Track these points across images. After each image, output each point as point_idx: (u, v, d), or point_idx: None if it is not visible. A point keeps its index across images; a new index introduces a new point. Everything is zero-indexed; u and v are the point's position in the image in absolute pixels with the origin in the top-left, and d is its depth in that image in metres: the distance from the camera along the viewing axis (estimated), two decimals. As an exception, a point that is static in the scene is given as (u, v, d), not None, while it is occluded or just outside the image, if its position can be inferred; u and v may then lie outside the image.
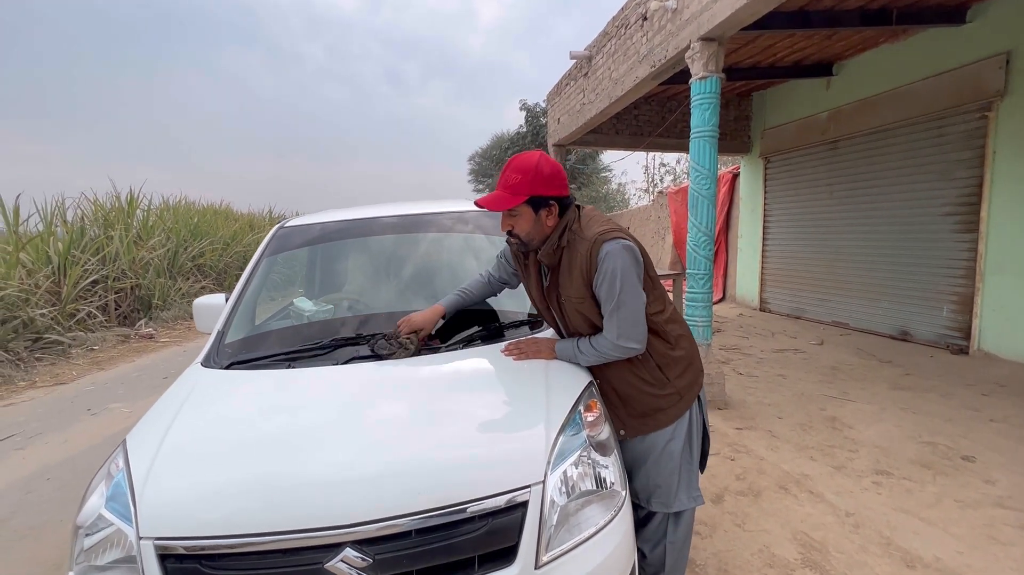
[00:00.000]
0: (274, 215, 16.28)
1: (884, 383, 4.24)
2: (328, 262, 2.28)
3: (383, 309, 1.98)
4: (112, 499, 1.18)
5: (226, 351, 1.80)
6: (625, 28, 4.66)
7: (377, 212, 2.36)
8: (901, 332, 5.76)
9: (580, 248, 1.43)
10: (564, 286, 1.49)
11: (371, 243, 2.23)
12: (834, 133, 6.51)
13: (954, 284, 5.20)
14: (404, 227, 2.28)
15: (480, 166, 24.78)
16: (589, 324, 1.51)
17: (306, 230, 2.33)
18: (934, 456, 2.89)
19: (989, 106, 4.79)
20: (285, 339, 1.87)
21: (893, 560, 2.01)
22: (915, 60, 5.44)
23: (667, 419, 1.52)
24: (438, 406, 1.38)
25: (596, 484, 1.28)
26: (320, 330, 1.87)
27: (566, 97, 6.83)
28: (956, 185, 5.15)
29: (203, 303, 2.12)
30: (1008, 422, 3.34)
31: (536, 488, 1.19)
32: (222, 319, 1.94)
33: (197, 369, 1.70)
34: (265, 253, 2.23)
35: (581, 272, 1.43)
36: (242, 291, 2.05)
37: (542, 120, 17.69)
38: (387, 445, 1.23)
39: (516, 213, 1.46)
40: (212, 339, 1.87)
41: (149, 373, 5.50)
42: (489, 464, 1.21)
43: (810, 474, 2.73)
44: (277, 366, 1.63)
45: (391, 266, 2.15)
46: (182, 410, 1.42)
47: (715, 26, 3.27)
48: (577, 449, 1.29)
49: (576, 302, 1.48)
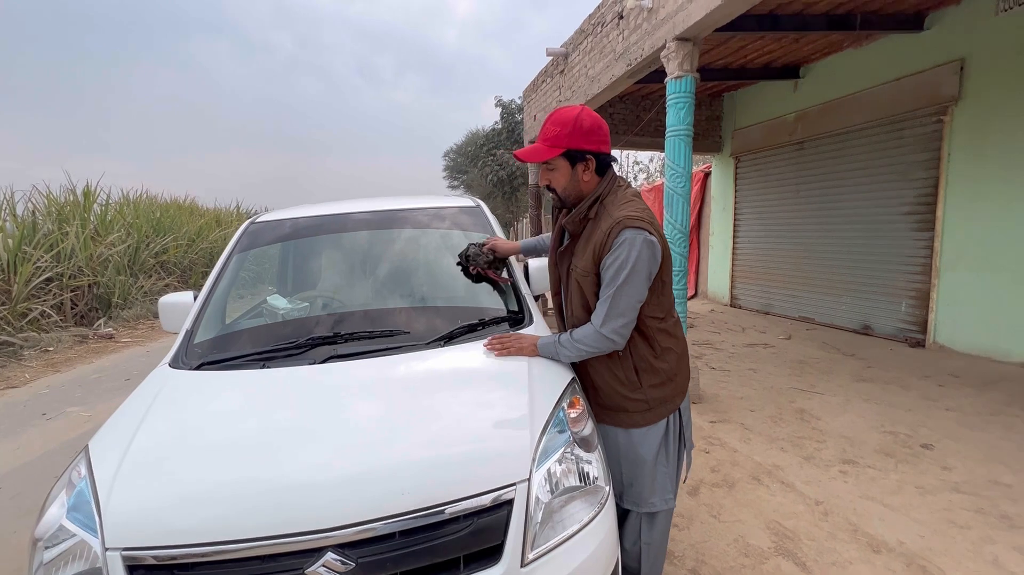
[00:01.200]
0: (242, 211, 15.81)
1: (848, 375, 4.41)
2: (301, 259, 2.21)
3: (359, 307, 1.94)
4: (74, 509, 1.12)
5: (196, 351, 1.73)
6: (601, 26, 4.68)
7: (352, 207, 2.31)
8: (863, 326, 6.00)
9: (603, 224, 1.40)
10: (577, 255, 1.49)
11: (346, 239, 2.17)
12: (801, 134, 6.72)
13: (912, 280, 5.44)
14: (380, 223, 2.23)
15: (455, 162, 24.63)
16: (581, 300, 1.50)
17: (278, 226, 2.26)
18: (895, 445, 3.02)
19: (945, 110, 5.02)
20: (259, 338, 1.81)
21: (860, 546, 2.09)
22: (877, 65, 5.66)
23: (629, 422, 1.50)
24: (419, 405, 1.36)
25: (580, 480, 1.29)
26: (295, 329, 1.81)
27: (542, 94, 6.83)
28: (914, 185, 5.38)
29: (169, 301, 2.02)
30: (962, 411, 3.51)
31: (521, 486, 1.18)
32: (191, 318, 1.86)
33: (164, 370, 1.63)
34: (236, 249, 2.15)
35: (595, 248, 1.41)
36: (212, 289, 1.97)
37: (518, 117, 17.69)
38: (368, 445, 1.20)
39: (553, 166, 1.44)
40: (180, 339, 1.79)
41: (109, 375, 5.26)
42: (473, 462, 1.20)
43: (781, 465, 2.81)
44: (251, 366, 1.58)
45: (367, 263, 2.10)
46: (149, 413, 1.35)
47: (690, 26, 3.32)
48: (561, 446, 1.29)
49: (580, 274, 1.46)
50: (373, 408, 1.35)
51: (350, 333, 1.69)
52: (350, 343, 1.66)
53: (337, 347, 1.63)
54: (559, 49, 5.67)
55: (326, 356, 1.58)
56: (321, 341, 1.67)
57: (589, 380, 1.56)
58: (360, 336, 1.69)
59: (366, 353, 1.59)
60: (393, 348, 1.61)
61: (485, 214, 2.37)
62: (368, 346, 1.63)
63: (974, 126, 4.82)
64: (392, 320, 1.82)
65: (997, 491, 2.48)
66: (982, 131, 4.76)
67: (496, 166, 17.62)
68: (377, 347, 1.62)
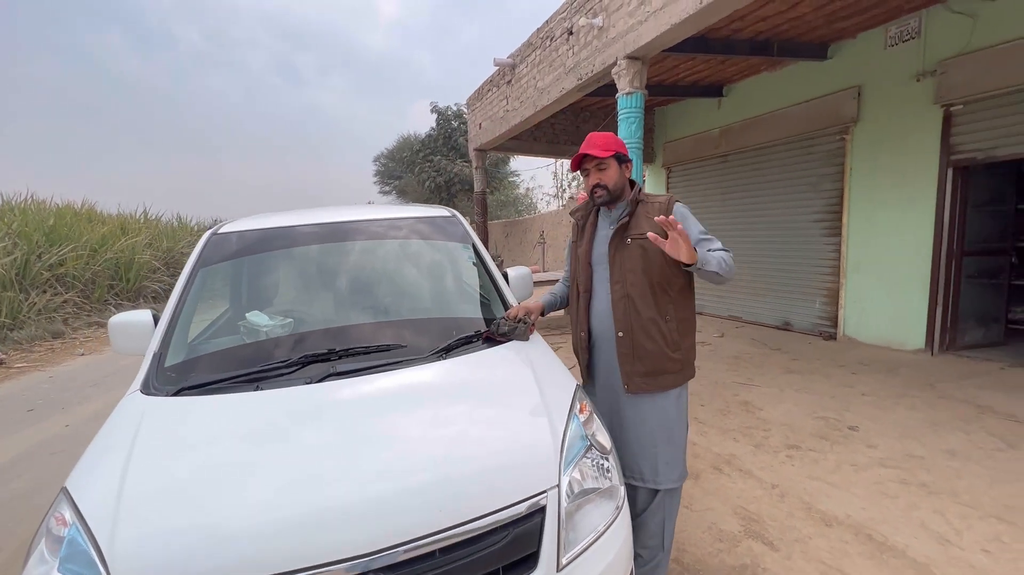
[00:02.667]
0: (149, 216, 14.40)
1: (778, 368, 4.85)
2: (278, 272, 2.08)
3: (349, 321, 1.87)
4: (68, 560, 1.00)
5: (169, 376, 1.58)
6: (550, 40, 4.84)
7: (327, 217, 2.22)
8: (784, 323, 6.62)
9: (658, 199, 1.76)
10: (638, 226, 1.72)
11: (327, 251, 2.08)
12: (725, 148, 7.31)
13: (824, 280, 6.09)
14: (360, 233, 2.16)
15: (387, 167, 24.06)
16: (643, 265, 1.70)
17: (247, 237, 2.12)
18: (828, 428, 3.38)
19: (846, 130, 5.69)
20: (243, 358, 1.69)
21: (815, 521, 2.33)
22: (789, 88, 6.30)
23: (669, 383, 1.72)
24: (436, 417, 1.35)
25: (599, 481, 1.34)
26: (284, 346, 1.72)
27: (488, 103, 6.90)
28: (823, 196, 6.04)
29: (123, 321, 1.83)
30: (875, 395, 3.99)
31: (552, 492, 1.21)
32: (157, 339, 1.70)
33: (137, 398, 1.48)
34: (199, 264, 1.99)
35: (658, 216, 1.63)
36: (178, 307, 1.81)
37: (454, 123, 17.65)
38: (394, 463, 1.18)
39: (606, 166, 1.74)
40: (147, 363, 1.63)
41: (4, 406, 4.60)
42: (504, 471, 1.21)
43: (736, 454, 3.05)
44: (240, 389, 1.47)
45: (351, 275, 2.03)
46: (136, 446, 1.23)
47: (641, 46, 3.53)
48: (581, 448, 1.34)
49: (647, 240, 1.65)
50: (389, 425, 1.32)
51: (345, 349, 1.63)
52: (347, 360, 1.60)
53: (334, 364, 1.57)
54: (506, 60, 5.77)
55: (323, 374, 1.52)
56: (315, 358, 1.60)
57: (632, 345, 1.72)
58: (356, 352, 1.63)
59: (366, 370, 1.54)
60: (393, 363, 1.58)
61: (463, 224, 2.38)
62: (366, 362, 1.59)
63: (870, 144, 5.51)
64: (387, 334, 1.77)
65: (913, 463, 2.85)
66: (876, 149, 5.45)
67: (433, 172, 17.44)
68: (376, 363, 1.58)
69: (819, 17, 4.96)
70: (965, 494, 2.51)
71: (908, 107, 5.10)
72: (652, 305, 1.71)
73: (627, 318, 1.72)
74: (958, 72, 4.69)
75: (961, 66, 4.66)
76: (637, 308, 1.72)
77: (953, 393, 3.95)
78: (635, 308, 1.72)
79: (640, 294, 1.72)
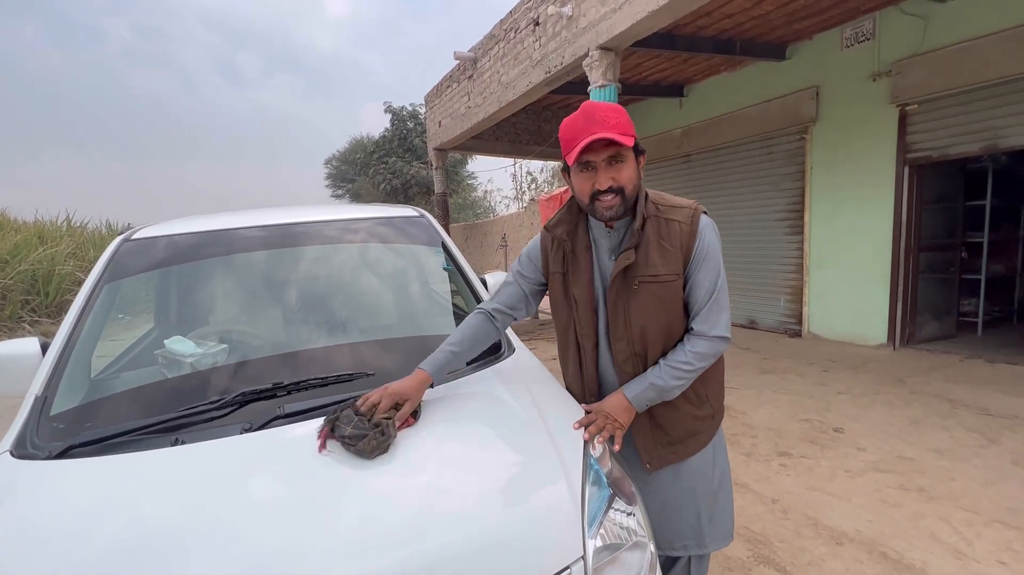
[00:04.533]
0: (73, 223, 13.07)
1: (753, 368, 4.80)
2: (206, 286, 1.69)
3: (299, 346, 1.53)
4: None
5: (56, 429, 1.19)
6: (515, 32, 4.60)
7: (270, 219, 1.84)
8: (750, 321, 6.65)
9: (675, 216, 1.22)
10: (651, 264, 1.20)
11: (269, 259, 1.72)
12: (687, 147, 7.31)
13: (788, 278, 6.15)
14: (310, 238, 1.80)
15: (338, 170, 23.19)
16: (662, 315, 1.22)
17: (168, 244, 1.72)
18: (814, 432, 3.28)
19: (806, 130, 5.77)
20: (159, 400, 1.32)
21: (825, 540, 2.17)
22: (749, 88, 6.34)
23: (698, 445, 1.33)
24: (420, 474, 1.04)
25: (625, 536, 1.07)
26: (213, 381, 1.35)
27: (448, 100, 6.59)
28: (785, 195, 6.10)
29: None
30: (851, 393, 3.97)
31: (577, 567, 0.94)
32: (42, 378, 1.30)
33: (6, 463, 1.09)
34: (104, 278, 1.58)
35: (681, 245, 1.20)
36: (73, 334, 1.41)
37: (409, 124, 17.14)
38: (381, 545, 0.87)
39: (624, 157, 1.17)
40: (26, 411, 1.23)
41: None
42: (517, 546, 0.93)
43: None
44: (152, 443, 1.11)
45: (299, 289, 1.69)
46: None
47: (614, 36, 3.34)
48: (604, 503, 1.07)
49: (665, 281, 1.21)
50: (363, 487, 1.00)
51: (296, 383, 1.29)
52: (297, 396, 1.27)
53: (281, 403, 1.23)
54: (467, 54, 5.49)
55: (266, 418, 1.18)
56: (256, 396, 1.25)
57: (648, 418, 1.30)
58: (311, 385, 1.30)
59: (321, 408, 1.21)
60: (357, 397, 1.26)
61: (434, 225, 2.07)
62: (323, 398, 1.26)
63: (828, 144, 5.59)
64: (348, 360, 1.45)
65: (906, 465, 2.77)
66: (834, 148, 5.54)
67: (389, 174, 16.84)
68: (335, 398, 1.25)
69: (781, 16, 4.97)
70: (964, 497, 2.43)
71: (865, 107, 5.20)
72: None
73: None
74: (912, 73, 4.80)
75: (914, 67, 4.77)
76: None
77: (923, 388, 3.98)
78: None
79: (655, 354, 1.26)
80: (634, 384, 1.25)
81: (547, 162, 14.77)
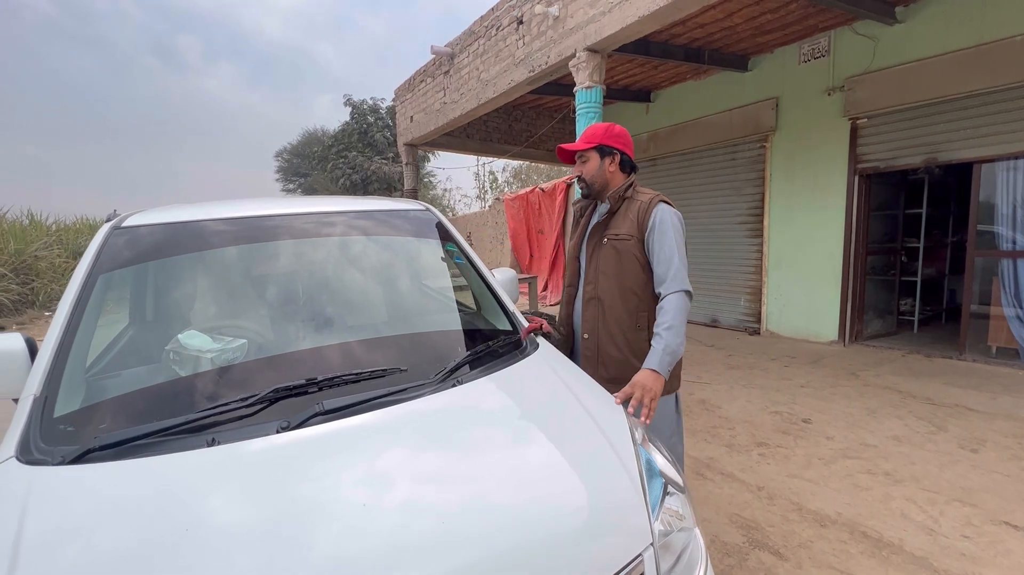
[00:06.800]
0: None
1: (720, 364, 5.01)
2: (215, 278, 1.57)
3: (324, 341, 1.46)
4: None
5: (65, 432, 1.09)
6: (497, 29, 4.59)
7: (277, 209, 1.75)
8: (712, 320, 6.95)
9: (641, 199, 1.74)
10: (616, 226, 1.73)
11: (282, 250, 1.62)
12: (653, 152, 7.54)
13: (748, 279, 6.47)
14: (323, 229, 1.72)
15: (290, 163, 22.31)
16: (615, 267, 1.70)
17: (165, 231, 1.60)
18: (785, 423, 3.48)
19: (766, 138, 6.09)
20: (180, 398, 1.22)
21: (810, 523, 2.30)
22: (713, 97, 6.63)
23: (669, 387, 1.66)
24: (483, 470, 1.03)
25: (675, 524, 1.10)
26: (240, 378, 1.27)
27: (421, 94, 6.47)
28: (746, 199, 6.42)
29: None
30: (811, 386, 4.23)
31: (648, 554, 0.95)
32: (39, 377, 1.17)
33: (11, 471, 0.98)
34: (97, 268, 1.45)
35: (638, 216, 1.69)
36: (69, 328, 1.28)
37: (370, 118, 16.69)
38: (447, 540, 0.85)
39: (586, 158, 1.78)
40: (25, 412, 1.11)
41: None
42: (589, 535, 0.94)
43: (714, 456, 3.00)
44: (185, 445, 1.03)
45: (317, 282, 1.61)
46: (20, 559, 0.77)
47: (602, 38, 3.40)
48: (660, 491, 1.09)
49: (621, 239, 1.70)
50: (418, 484, 0.97)
51: (329, 378, 1.24)
52: (331, 392, 1.21)
53: (318, 399, 1.18)
54: (444, 49, 5.41)
55: (304, 416, 1.12)
56: (288, 393, 1.19)
57: (604, 354, 1.71)
58: (345, 381, 1.25)
59: (361, 405, 1.17)
60: (395, 393, 1.22)
61: (442, 219, 2.03)
62: (359, 394, 1.21)
63: (786, 152, 5.93)
64: (378, 355, 1.40)
65: (870, 452, 2.99)
66: (791, 156, 5.89)
67: (348, 169, 16.33)
68: (373, 395, 1.21)
69: (748, 29, 5.22)
70: (924, 479, 2.65)
71: (820, 119, 5.55)
72: (622, 311, 1.69)
73: (594, 321, 1.73)
74: (863, 89, 5.17)
75: (865, 84, 5.14)
76: (605, 312, 1.71)
77: (875, 381, 4.30)
78: (603, 312, 1.72)
79: (610, 298, 1.71)
80: (650, 358, 1.55)
81: (512, 161, 14.80)
